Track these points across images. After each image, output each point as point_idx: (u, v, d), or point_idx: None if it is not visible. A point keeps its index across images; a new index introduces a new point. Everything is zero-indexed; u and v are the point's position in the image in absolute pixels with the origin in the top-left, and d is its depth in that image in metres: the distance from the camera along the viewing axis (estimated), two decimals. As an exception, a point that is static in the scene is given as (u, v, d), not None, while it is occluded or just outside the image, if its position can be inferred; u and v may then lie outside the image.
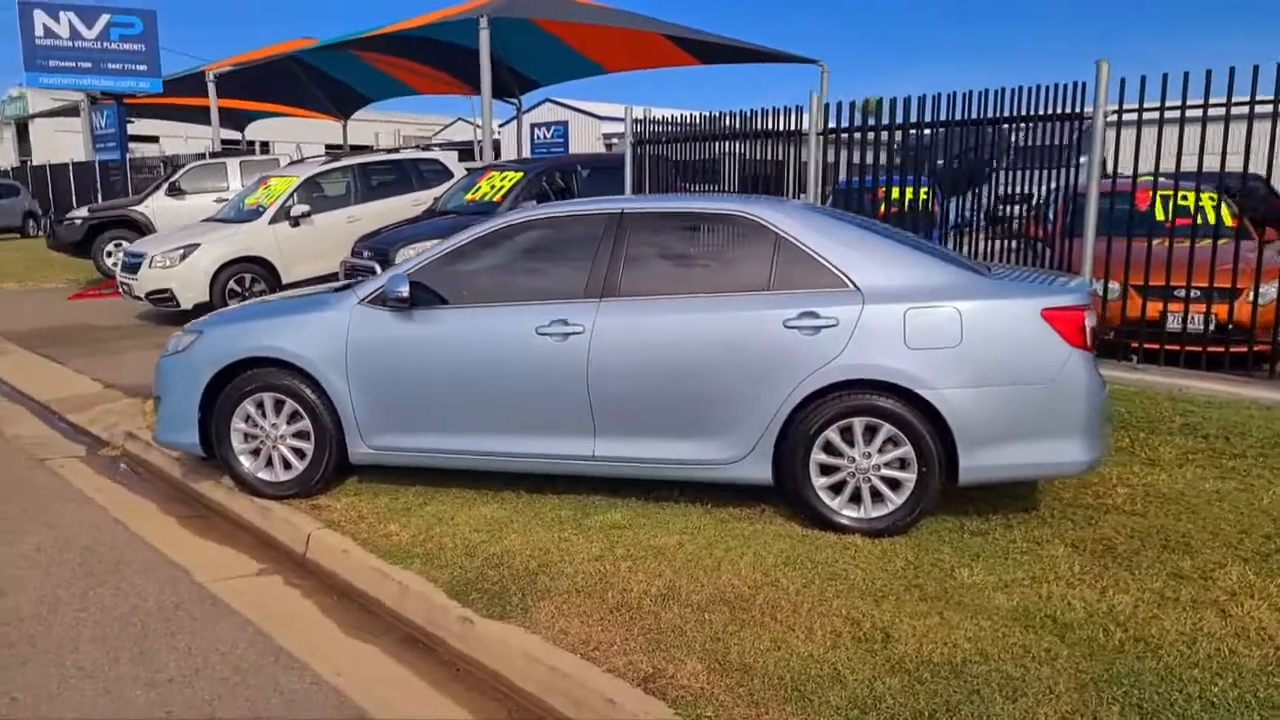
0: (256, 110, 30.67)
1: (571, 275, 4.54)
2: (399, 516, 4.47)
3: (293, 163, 14.64)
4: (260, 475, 4.76)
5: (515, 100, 23.52)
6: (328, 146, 28.84)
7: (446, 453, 4.60)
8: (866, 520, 4.23)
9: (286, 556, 4.38)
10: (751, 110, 9.32)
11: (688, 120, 10.27)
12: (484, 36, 14.06)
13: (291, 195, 11.75)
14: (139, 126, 31.30)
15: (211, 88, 22.84)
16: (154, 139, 37.11)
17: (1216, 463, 5.14)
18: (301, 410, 4.64)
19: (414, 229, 10.73)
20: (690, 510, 4.53)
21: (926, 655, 3.19)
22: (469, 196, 11.37)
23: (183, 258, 10.80)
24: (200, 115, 26.61)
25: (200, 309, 10.92)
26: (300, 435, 4.68)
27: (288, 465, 4.74)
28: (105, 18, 24.80)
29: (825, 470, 4.25)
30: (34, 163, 33.70)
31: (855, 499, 4.25)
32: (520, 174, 11.35)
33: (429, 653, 3.57)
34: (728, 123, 9.68)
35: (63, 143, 34.74)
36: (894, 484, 4.21)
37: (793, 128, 8.86)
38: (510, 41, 16.84)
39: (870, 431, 4.19)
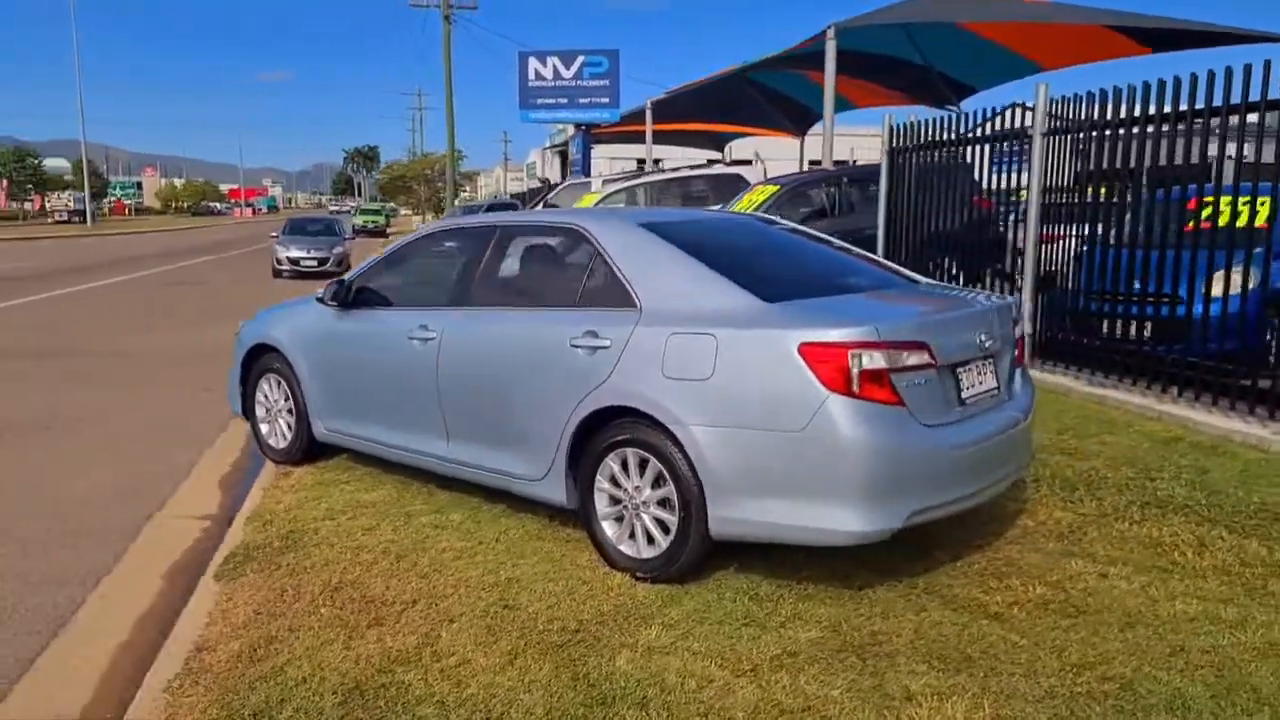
0: (733, 131, 33.30)
1: (448, 284, 4.82)
2: (322, 487, 5.17)
3: (605, 181, 16.04)
4: (269, 441, 5.77)
5: (954, 107, 22.44)
6: (811, 162, 29.62)
7: (366, 440, 5.14)
8: (639, 560, 3.88)
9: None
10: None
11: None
12: (830, 47, 14.12)
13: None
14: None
15: (648, 114, 25.70)
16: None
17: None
18: (289, 390, 5.56)
19: None
20: (512, 524, 4.52)
21: None
22: (734, 209, 11.60)
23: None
24: (673, 139, 29.86)
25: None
26: (290, 412, 5.61)
27: (284, 436, 5.68)
28: (580, 59, 29.04)
29: (615, 501, 4.01)
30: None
31: (634, 535, 3.94)
32: (776, 188, 11.30)
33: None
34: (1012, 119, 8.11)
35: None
36: (664, 525, 3.83)
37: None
38: (937, 47, 16.25)
39: (642, 465, 3.86)
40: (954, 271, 9.04)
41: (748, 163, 15.97)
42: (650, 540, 3.85)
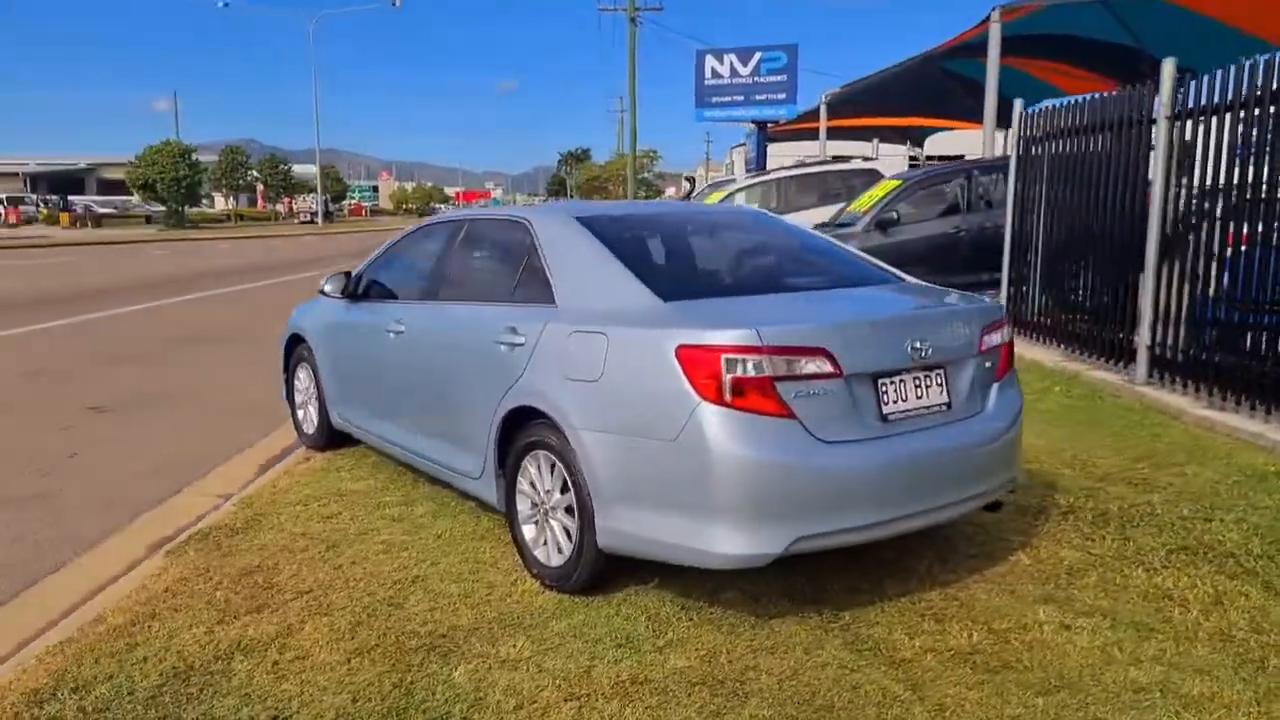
0: (930, 125, 31.80)
1: (423, 278, 4.83)
2: (321, 473, 5.34)
3: (750, 174, 15.60)
4: (303, 427, 6.01)
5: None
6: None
7: (363, 430, 5.24)
8: (549, 568, 3.72)
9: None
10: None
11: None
12: (994, 30, 13.27)
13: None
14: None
15: (823, 109, 25.04)
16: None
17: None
18: (315, 378, 5.78)
19: None
20: (467, 522, 4.47)
21: None
22: (851, 207, 11.05)
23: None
24: (859, 134, 28.87)
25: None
26: (316, 399, 5.82)
27: (313, 422, 5.90)
28: (757, 55, 28.64)
29: (535, 504, 3.86)
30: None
31: (547, 541, 3.78)
32: (897, 183, 10.64)
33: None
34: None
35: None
36: (570, 534, 3.64)
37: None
38: (1146, 27, 14.72)
39: (552, 468, 3.70)
40: (1094, 281, 7.92)
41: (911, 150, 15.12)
42: (559, 548, 3.69)
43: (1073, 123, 8.28)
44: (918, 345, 3.36)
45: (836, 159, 16.37)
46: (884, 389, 3.33)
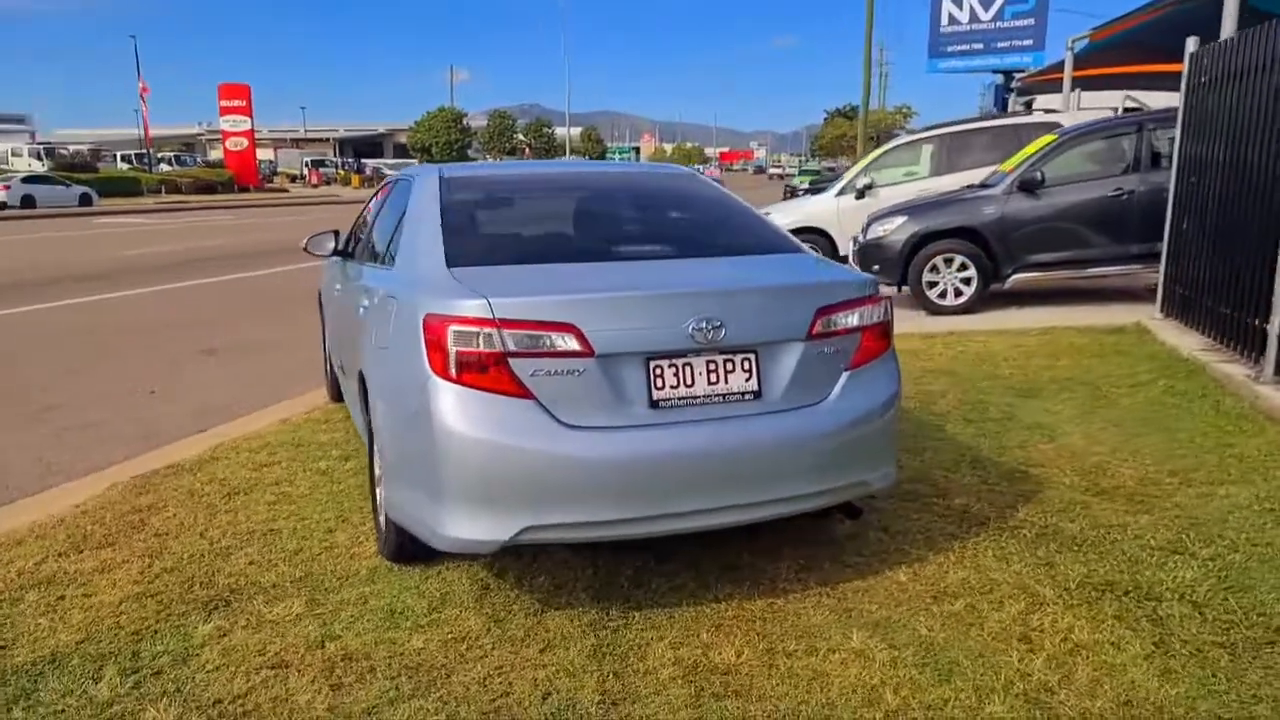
0: None
1: (362, 238, 4.86)
2: (313, 423, 5.63)
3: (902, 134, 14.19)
4: (327, 377, 6.36)
5: None
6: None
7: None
8: (378, 532, 3.72)
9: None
10: None
11: None
12: None
13: (867, 169, 11.97)
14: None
15: (1068, 56, 22.52)
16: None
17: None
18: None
19: (897, 206, 10.04)
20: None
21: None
22: (1001, 166, 9.90)
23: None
24: (1136, 83, 25.79)
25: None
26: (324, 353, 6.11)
27: (328, 376, 6.20)
28: (1001, -1, 26.18)
29: None
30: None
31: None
32: (1051, 138, 9.38)
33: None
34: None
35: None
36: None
37: None
38: None
39: (381, 434, 3.66)
40: (1238, 257, 6.55)
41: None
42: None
43: (1240, 62, 6.85)
44: (703, 325, 2.96)
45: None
46: (657, 372, 2.98)
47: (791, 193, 29.14)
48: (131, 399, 6.61)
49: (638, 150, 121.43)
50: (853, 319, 3.24)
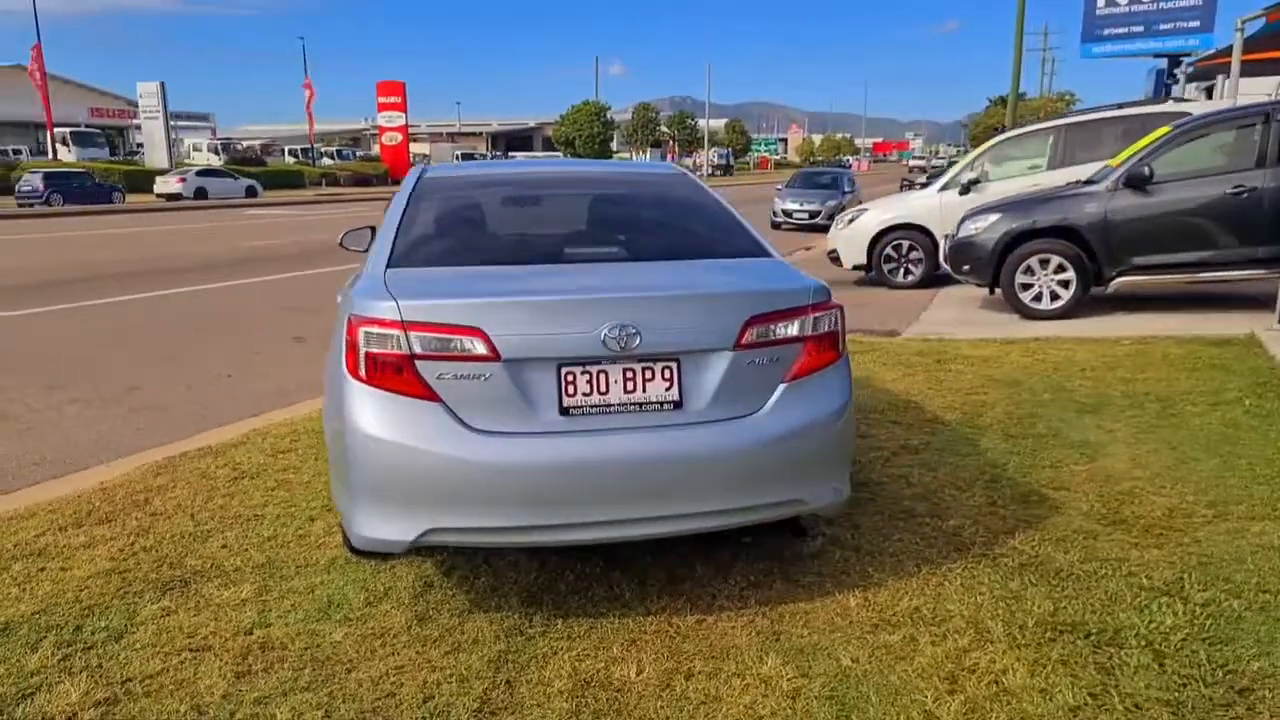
0: None
1: None
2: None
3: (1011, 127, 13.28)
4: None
5: None
6: None
7: None
8: (347, 523, 3.82)
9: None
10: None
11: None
12: None
13: (975, 162, 11.36)
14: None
15: (1237, 37, 20.70)
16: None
17: None
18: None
19: (991, 203, 9.48)
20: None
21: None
22: (1111, 160, 9.18)
23: (851, 222, 11.70)
24: None
25: (859, 271, 11.82)
26: None
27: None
28: (1165, -25, 24.28)
29: None
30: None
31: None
32: (1166, 130, 8.62)
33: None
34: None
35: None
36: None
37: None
38: None
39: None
40: None
41: None
42: None
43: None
44: (617, 332, 2.88)
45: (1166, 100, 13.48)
46: (569, 379, 2.92)
47: (909, 186, 27.64)
48: (209, 384, 7.03)
49: (785, 141, 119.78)
50: (791, 328, 3.07)
